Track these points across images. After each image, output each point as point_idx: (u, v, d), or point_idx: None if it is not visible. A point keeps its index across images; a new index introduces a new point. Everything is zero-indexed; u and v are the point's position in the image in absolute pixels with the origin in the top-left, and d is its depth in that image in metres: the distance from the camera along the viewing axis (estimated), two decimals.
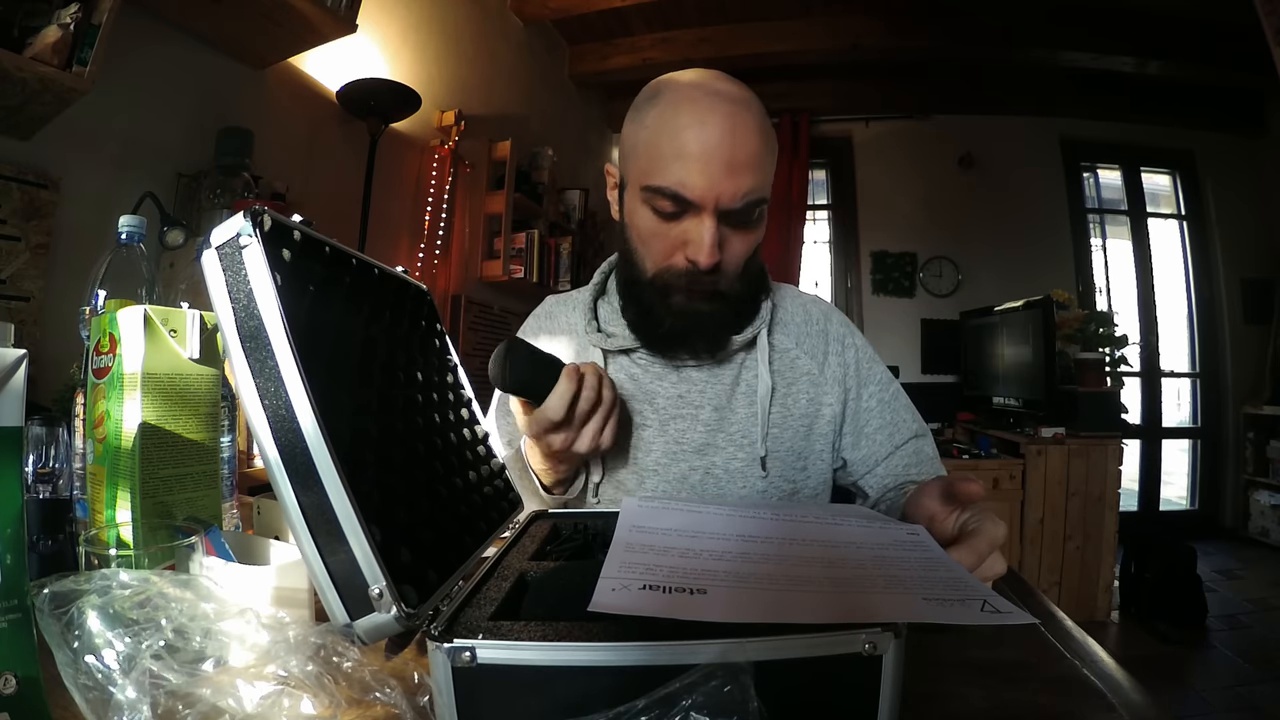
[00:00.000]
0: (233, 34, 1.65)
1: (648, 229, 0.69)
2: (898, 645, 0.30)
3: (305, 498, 0.31)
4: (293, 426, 0.32)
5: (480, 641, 0.30)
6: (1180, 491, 4.15)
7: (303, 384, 0.32)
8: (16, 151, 1.30)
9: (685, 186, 0.64)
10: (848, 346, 0.82)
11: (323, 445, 0.31)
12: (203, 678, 0.31)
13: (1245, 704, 2.00)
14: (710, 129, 0.64)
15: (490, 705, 0.30)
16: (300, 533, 0.31)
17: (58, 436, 0.56)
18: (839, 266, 4.20)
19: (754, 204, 0.67)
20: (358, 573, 0.31)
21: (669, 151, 0.65)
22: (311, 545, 0.31)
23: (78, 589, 0.32)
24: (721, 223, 0.66)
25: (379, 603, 0.31)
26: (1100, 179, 4.15)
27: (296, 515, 0.31)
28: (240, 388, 0.33)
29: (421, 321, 0.60)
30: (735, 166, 0.64)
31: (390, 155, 2.26)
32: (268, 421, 0.32)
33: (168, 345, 0.49)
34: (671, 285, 0.70)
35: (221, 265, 0.34)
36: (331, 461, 0.31)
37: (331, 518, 0.31)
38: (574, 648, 0.30)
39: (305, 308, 0.36)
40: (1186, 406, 4.12)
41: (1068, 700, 0.39)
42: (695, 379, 0.78)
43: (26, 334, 1.28)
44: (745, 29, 3.37)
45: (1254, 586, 3.02)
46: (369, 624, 0.31)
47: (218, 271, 0.34)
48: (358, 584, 0.31)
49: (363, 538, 0.31)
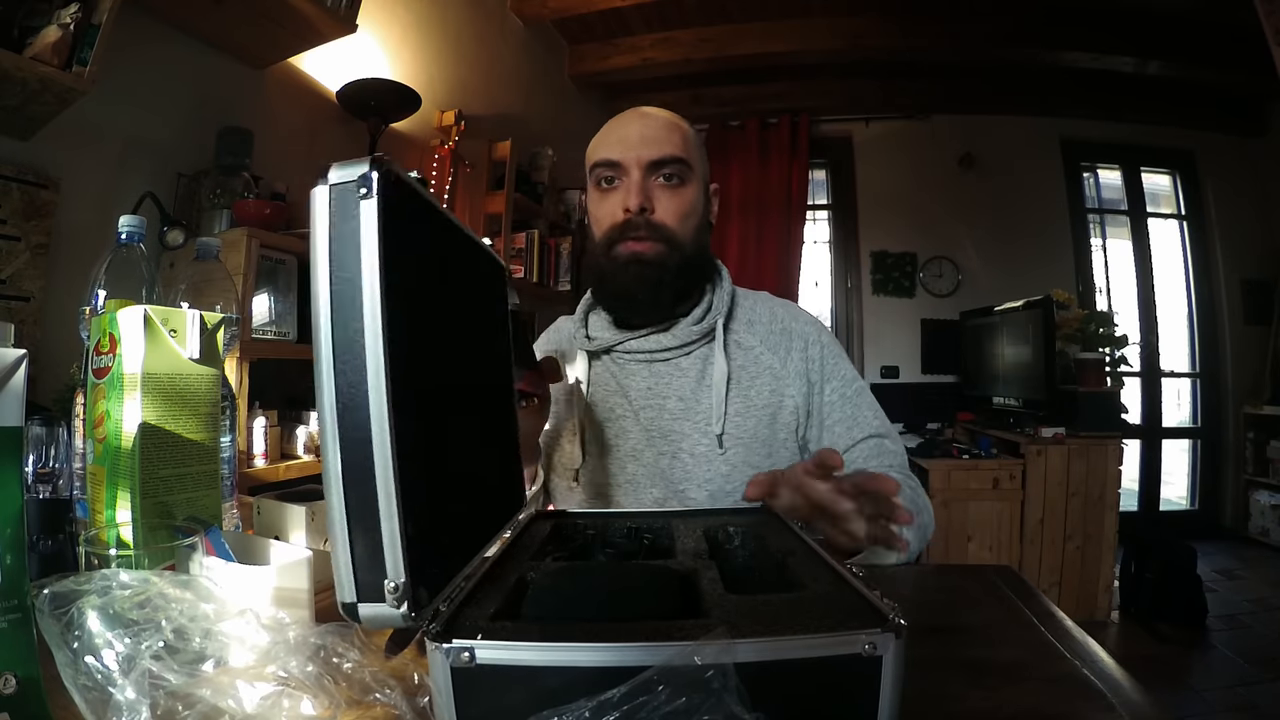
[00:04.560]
0: (233, 34, 1.64)
1: (596, 204, 0.87)
2: (898, 646, 0.30)
3: (351, 471, 0.30)
4: (360, 396, 0.30)
5: (479, 642, 0.30)
6: (1180, 491, 4.15)
7: (383, 356, 0.31)
8: (16, 151, 1.30)
9: (610, 153, 0.84)
10: (812, 344, 0.89)
11: (386, 424, 0.30)
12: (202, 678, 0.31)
13: (1245, 704, 1.99)
14: (625, 121, 0.86)
15: (489, 705, 0.30)
16: (336, 501, 0.30)
17: (58, 436, 0.56)
18: (839, 266, 4.19)
19: (671, 159, 0.83)
20: (380, 562, 0.30)
21: (598, 143, 0.87)
22: (344, 518, 0.30)
23: (78, 589, 0.32)
24: (648, 178, 0.83)
25: (392, 596, 0.30)
26: (1100, 179, 4.15)
27: (337, 483, 0.30)
28: (318, 336, 0.31)
29: (496, 301, 0.60)
30: (647, 138, 0.83)
31: (390, 155, 2.26)
32: (334, 382, 0.31)
33: (168, 345, 0.49)
34: (614, 240, 0.84)
35: (331, 208, 0.32)
36: (390, 444, 0.30)
37: (372, 500, 0.30)
38: (573, 648, 0.30)
39: (401, 276, 0.34)
40: (1186, 406, 4.12)
41: (1068, 700, 0.39)
42: (663, 373, 0.88)
43: (26, 334, 1.28)
44: (745, 29, 3.37)
45: (1254, 586, 3.02)
46: (373, 612, 0.30)
47: (325, 212, 0.32)
48: (375, 571, 0.30)
49: (396, 530, 0.30)
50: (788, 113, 3.99)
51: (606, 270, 0.85)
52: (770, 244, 3.98)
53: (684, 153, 0.84)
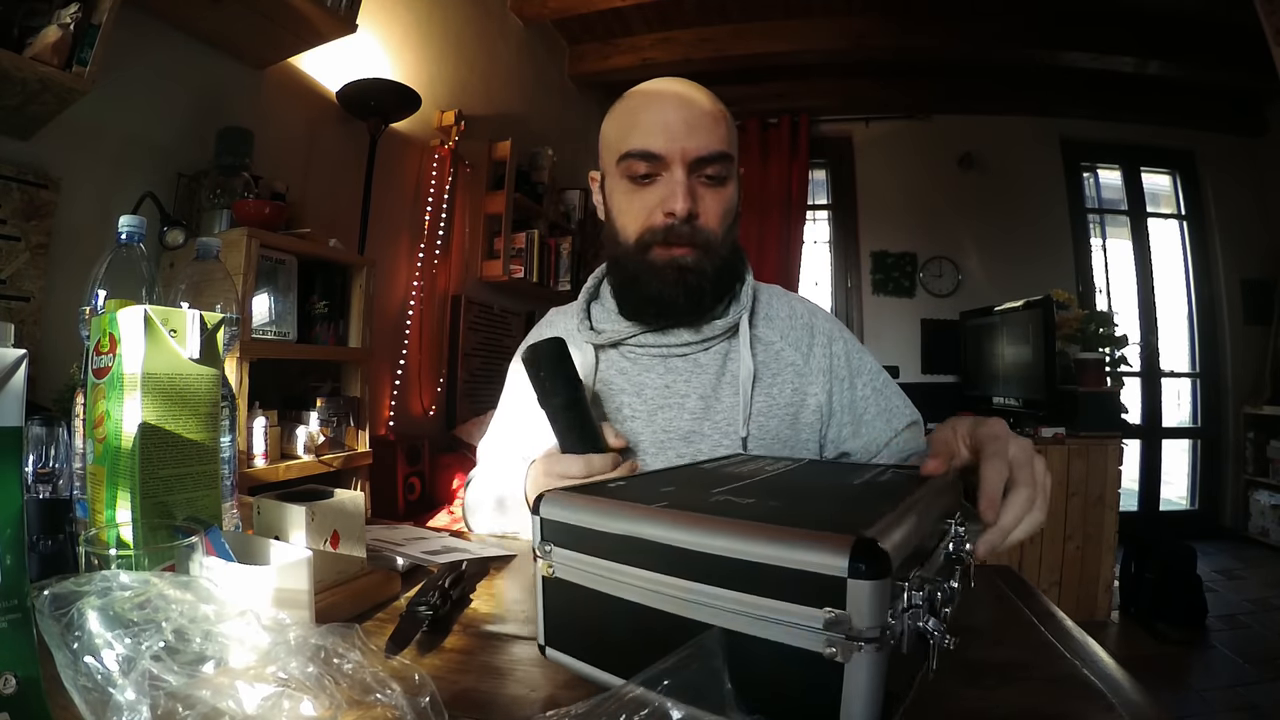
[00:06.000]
0: (233, 34, 1.64)
1: (626, 197, 0.76)
2: (868, 659, 0.28)
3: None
4: None
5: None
6: (1180, 491, 4.15)
7: None
8: (16, 151, 1.30)
9: (652, 145, 0.72)
10: (834, 339, 0.85)
11: None
12: (202, 679, 0.31)
13: (1245, 704, 1.99)
14: (664, 101, 0.74)
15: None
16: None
17: (58, 436, 0.56)
18: (839, 266, 4.19)
19: (719, 155, 0.73)
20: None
21: (630, 125, 0.75)
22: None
23: (78, 590, 0.31)
24: (692, 175, 0.73)
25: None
26: (1100, 179, 4.15)
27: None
28: None
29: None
30: (693, 124, 0.72)
31: (390, 155, 2.26)
32: None
33: (168, 345, 0.49)
34: (651, 242, 0.75)
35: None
36: None
37: None
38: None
39: None
40: (1186, 406, 4.12)
41: (1067, 700, 0.39)
42: (681, 369, 0.81)
43: (26, 334, 1.28)
44: (745, 29, 3.37)
45: (1254, 586, 3.02)
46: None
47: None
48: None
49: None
50: (788, 113, 3.99)
51: (639, 274, 0.77)
52: (770, 244, 3.98)
53: (729, 146, 0.75)
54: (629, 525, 0.37)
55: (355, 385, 1.83)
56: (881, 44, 3.33)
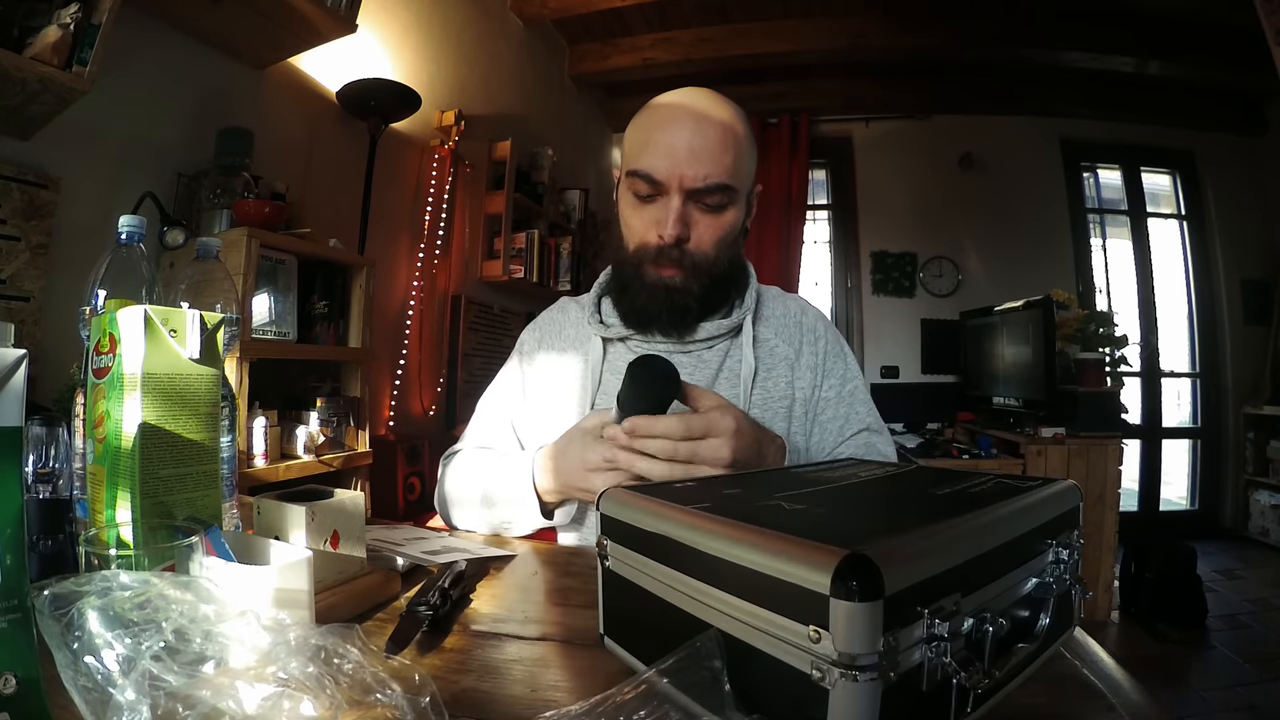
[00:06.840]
0: (233, 34, 1.64)
1: (630, 211, 0.81)
2: (858, 691, 0.25)
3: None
4: None
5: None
6: (1180, 491, 4.15)
7: None
8: (16, 151, 1.30)
9: (654, 169, 0.76)
10: (819, 338, 0.89)
11: None
12: (202, 679, 0.31)
13: (1245, 704, 1.99)
14: (676, 125, 0.76)
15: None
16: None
17: (58, 436, 0.56)
18: (839, 266, 4.19)
19: (717, 188, 0.76)
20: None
21: (643, 142, 0.78)
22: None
23: (78, 590, 0.31)
24: (689, 203, 0.76)
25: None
26: (1100, 179, 4.15)
27: None
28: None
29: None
30: (696, 154, 0.74)
31: (390, 155, 2.26)
32: None
33: (168, 345, 0.49)
34: (644, 259, 0.80)
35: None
36: None
37: None
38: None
39: None
40: (1186, 406, 4.12)
41: (1068, 700, 0.39)
42: (685, 364, 0.84)
43: (26, 334, 1.28)
44: (745, 29, 3.37)
45: (1254, 586, 3.02)
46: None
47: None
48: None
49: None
50: (788, 113, 3.99)
51: (630, 284, 0.82)
52: (770, 244, 3.98)
53: (732, 178, 0.76)
54: (660, 525, 0.38)
55: (355, 385, 1.83)
56: (881, 44, 3.33)
